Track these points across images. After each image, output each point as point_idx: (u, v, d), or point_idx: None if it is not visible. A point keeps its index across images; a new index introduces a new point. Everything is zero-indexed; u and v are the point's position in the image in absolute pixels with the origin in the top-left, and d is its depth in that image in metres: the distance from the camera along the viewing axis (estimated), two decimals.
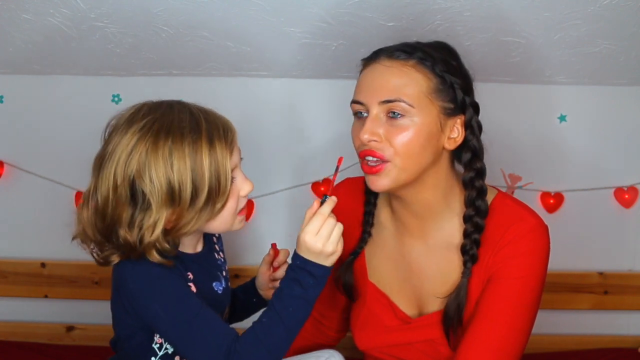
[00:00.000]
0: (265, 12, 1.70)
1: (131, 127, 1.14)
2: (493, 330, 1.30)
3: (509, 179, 1.93)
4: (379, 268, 1.44)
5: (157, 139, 1.12)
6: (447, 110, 1.28)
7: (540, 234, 1.32)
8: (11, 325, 1.99)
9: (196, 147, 1.13)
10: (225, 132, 1.17)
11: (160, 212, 1.12)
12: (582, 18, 1.70)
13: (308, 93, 1.96)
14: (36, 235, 2.00)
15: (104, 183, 1.14)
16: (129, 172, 1.12)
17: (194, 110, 1.18)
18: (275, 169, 1.97)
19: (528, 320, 1.32)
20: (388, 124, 1.26)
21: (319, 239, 1.17)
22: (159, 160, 1.11)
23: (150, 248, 1.13)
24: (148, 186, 1.11)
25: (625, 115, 1.97)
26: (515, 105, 1.96)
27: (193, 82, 1.91)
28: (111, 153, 1.14)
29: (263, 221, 1.98)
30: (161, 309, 1.15)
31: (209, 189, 1.13)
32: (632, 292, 2.00)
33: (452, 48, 1.34)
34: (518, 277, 1.30)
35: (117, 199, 1.13)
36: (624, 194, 1.97)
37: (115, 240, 1.15)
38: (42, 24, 1.74)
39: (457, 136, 1.30)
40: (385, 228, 1.44)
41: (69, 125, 1.94)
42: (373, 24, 1.73)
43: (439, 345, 1.37)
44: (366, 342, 1.45)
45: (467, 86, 1.31)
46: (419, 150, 1.26)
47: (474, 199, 1.31)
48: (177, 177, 1.12)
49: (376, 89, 1.27)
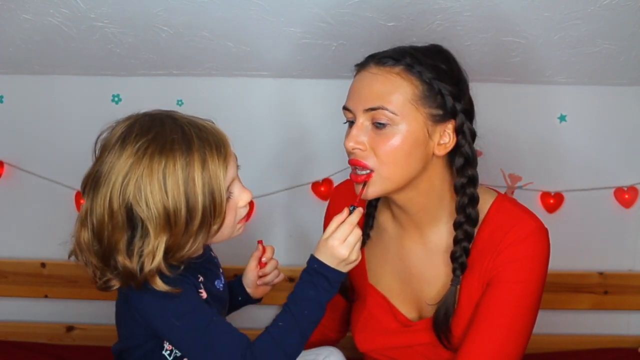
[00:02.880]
0: (265, 12, 1.70)
1: (125, 149, 1.11)
2: (493, 333, 1.30)
3: (509, 179, 1.93)
4: (379, 271, 1.44)
5: (151, 163, 1.10)
6: (436, 116, 1.26)
7: (540, 237, 1.31)
8: (11, 325, 1.99)
9: (189, 169, 1.11)
10: (218, 148, 1.15)
11: (159, 237, 1.10)
12: (582, 18, 1.70)
13: (308, 93, 1.96)
14: (36, 235, 2.00)
15: (99, 206, 1.11)
16: (125, 198, 1.10)
17: (185, 128, 1.14)
18: (275, 169, 1.97)
19: (528, 324, 1.32)
20: (374, 132, 1.25)
21: (346, 246, 1.20)
22: (154, 186, 1.09)
23: (153, 276, 1.11)
24: (145, 212, 1.09)
25: (625, 115, 1.97)
26: (515, 105, 1.96)
27: (193, 82, 1.91)
28: (106, 175, 1.11)
29: (263, 221, 1.98)
30: (176, 319, 1.14)
31: (202, 212, 1.11)
32: (632, 292, 2.00)
33: (446, 52, 1.32)
34: (518, 281, 1.29)
35: (114, 224, 1.11)
36: (624, 194, 1.97)
37: (114, 265, 1.13)
38: (42, 24, 1.74)
39: (447, 142, 1.27)
40: (386, 231, 1.43)
41: (69, 125, 1.94)
42: (373, 24, 1.73)
43: (439, 349, 1.36)
44: (366, 344, 1.45)
45: (459, 91, 1.28)
46: (405, 159, 1.25)
47: (465, 205, 1.29)
48: (171, 203, 1.10)
49: (362, 96, 1.26)
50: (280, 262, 1.96)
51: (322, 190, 1.96)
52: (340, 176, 1.93)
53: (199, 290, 1.20)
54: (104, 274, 1.15)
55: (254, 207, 1.96)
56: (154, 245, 1.09)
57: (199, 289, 1.20)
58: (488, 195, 1.35)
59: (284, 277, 1.43)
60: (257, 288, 1.41)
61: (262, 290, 1.42)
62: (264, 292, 1.43)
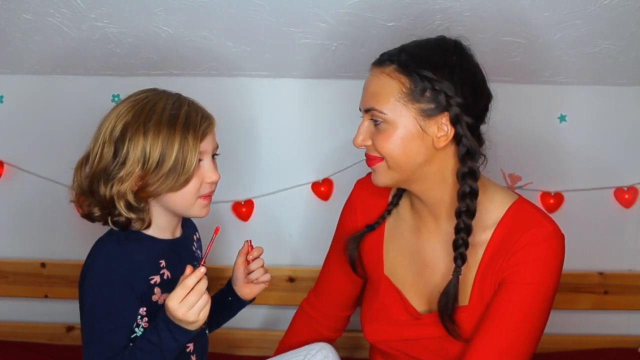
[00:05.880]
0: (265, 12, 1.71)
1: (127, 99, 1.33)
2: (502, 333, 1.30)
3: (509, 179, 1.93)
4: (395, 262, 1.45)
5: (142, 112, 1.29)
6: (427, 111, 1.28)
7: (556, 241, 1.32)
8: (11, 325, 1.99)
9: (172, 123, 1.28)
10: (202, 119, 1.31)
11: (132, 168, 1.27)
12: (582, 18, 1.70)
13: (308, 93, 1.96)
14: (36, 235, 2.00)
15: (96, 142, 1.30)
16: (115, 134, 1.28)
17: (183, 97, 1.34)
18: (275, 169, 1.97)
19: (538, 327, 1.33)
20: (375, 129, 1.31)
21: (181, 307, 1.20)
22: (140, 128, 1.27)
23: (120, 198, 1.28)
24: (127, 146, 1.27)
25: (625, 115, 1.97)
26: (515, 105, 1.95)
27: (193, 82, 1.91)
28: (107, 117, 1.32)
29: (262, 221, 1.98)
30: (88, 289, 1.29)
31: (174, 161, 1.27)
32: (632, 292, 1.99)
33: (449, 43, 1.33)
34: (530, 283, 1.30)
35: (103, 154, 1.29)
36: (624, 194, 1.97)
37: (97, 193, 1.30)
38: (42, 24, 1.74)
39: (444, 134, 1.29)
40: (405, 222, 1.45)
41: (69, 125, 1.94)
42: (373, 24, 1.73)
43: (446, 343, 1.37)
44: (375, 335, 1.46)
45: (454, 83, 1.28)
46: (402, 152, 1.29)
47: (465, 195, 1.31)
48: (149, 144, 1.27)
49: (363, 98, 1.34)
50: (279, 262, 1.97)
51: (322, 190, 1.96)
52: (340, 176, 1.94)
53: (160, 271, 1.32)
54: (88, 199, 1.33)
55: (252, 207, 1.98)
56: (125, 172, 1.27)
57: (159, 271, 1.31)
58: (508, 197, 1.36)
59: (269, 277, 1.46)
60: (244, 287, 1.47)
61: (251, 290, 1.47)
62: (253, 292, 1.48)
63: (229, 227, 1.94)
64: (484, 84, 1.34)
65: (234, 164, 1.94)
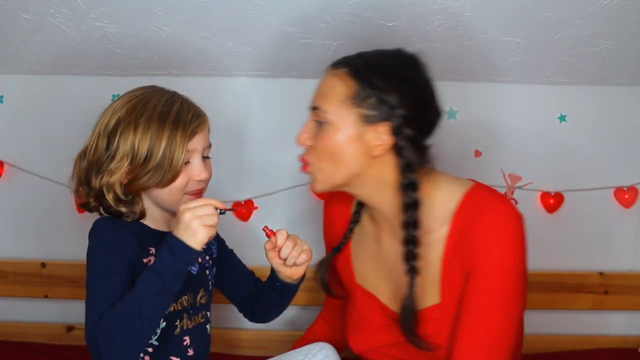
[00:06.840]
0: (265, 12, 1.71)
1: (125, 95, 1.37)
2: (481, 326, 1.29)
3: (509, 179, 1.93)
4: (364, 270, 1.46)
5: (135, 108, 1.33)
6: (368, 117, 1.28)
7: (512, 223, 1.30)
8: (11, 325, 1.99)
9: (162, 120, 1.31)
10: (193, 117, 1.34)
11: (121, 162, 1.31)
12: (582, 18, 1.70)
13: (308, 93, 1.96)
14: (36, 235, 2.00)
15: (93, 135, 1.35)
16: (109, 127, 1.33)
17: (178, 95, 1.37)
18: (275, 168, 1.97)
19: (514, 312, 1.31)
20: (317, 129, 1.33)
21: (190, 211, 1.23)
22: (131, 123, 1.31)
23: (109, 190, 1.33)
24: (117, 140, 1.31)
25: (625, 115, 1.97)
26: (515, 105, 1.96)
27: (193, 82, 1.91)
28: (104, 111, 1.36)
29: (262, 221, 1.98)
30: (91, 252, 1.32)
31: (161, 157, 1.30)
32: (632, 292, 1.99)
33: (406, 56, 1.33)
34: (495, 271, 1.28)
35: (97, 147, 1.34)
36: (624, 194, 1.97)
37: (92, 185, 1.34)
38: (42, 24, 1.74)
39: (381, 143, 1.29)
40: (367, 231, 1.46)
41: (69, 125, 1.94)
42: (373, 24, 1.73)
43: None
44: (360, 345, 1.46)
45: (401, 95, 1.28)
46: (337, 155, 1.30)
47: (409, 206, 1.30)
48: (138, 139, 1.31)
49: (313, 96, 1.36)
50: None
51: None
52: None
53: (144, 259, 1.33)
54: (85, 190, 1.36)
55: (252, 207, 1.98)
56: (115, 166, 1.31)
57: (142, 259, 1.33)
58: (459, 185, 1.35)
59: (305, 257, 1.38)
60: (288, 272, 1.40)
61: (296, 271, 1.40)
62: (299, 273, 1.41)
63: (228, 227, 1.94)
64: (433, 100, 1.33)
65: (234, 163, 1.94)
